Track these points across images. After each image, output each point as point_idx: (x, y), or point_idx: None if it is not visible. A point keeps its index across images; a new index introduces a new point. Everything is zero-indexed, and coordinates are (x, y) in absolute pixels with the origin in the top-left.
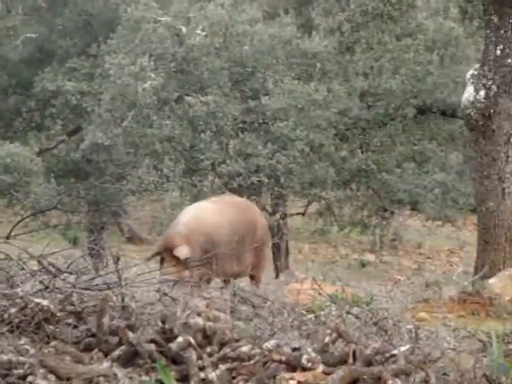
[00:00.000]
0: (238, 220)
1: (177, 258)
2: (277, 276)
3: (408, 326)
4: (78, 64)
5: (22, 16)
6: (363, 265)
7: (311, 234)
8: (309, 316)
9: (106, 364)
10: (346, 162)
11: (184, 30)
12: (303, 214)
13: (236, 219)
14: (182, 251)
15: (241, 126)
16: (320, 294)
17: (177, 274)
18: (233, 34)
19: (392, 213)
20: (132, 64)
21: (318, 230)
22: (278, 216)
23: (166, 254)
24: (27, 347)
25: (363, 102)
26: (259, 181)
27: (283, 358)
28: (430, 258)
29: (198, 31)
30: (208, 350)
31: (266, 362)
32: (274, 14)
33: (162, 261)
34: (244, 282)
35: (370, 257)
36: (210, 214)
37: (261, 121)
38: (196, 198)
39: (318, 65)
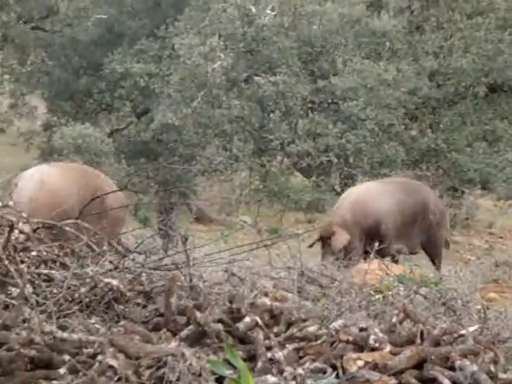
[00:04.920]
0: (408, 201)
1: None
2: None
3: (477, 307)
4: (146, 46)
5: None
6: None
7: None
8: (376, 296)
9: (174, 343)
10: (416, 141)
11: (253, 9)
12: None
13: (406, 201)
14: (338, 241)
15: (310, 105)
16: (387, 274)
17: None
18: (302, 13)
19: (463, 192)
20: (201, 44)
21: None
22: None
23: (325, 240)
24: (97, 326)
25: (433, 81)
26: (328, 160)
27: (350, 338)
28: (501, 237)
29: (268, 11)
30: (275, 329)
31: (333, 342)
32: None
33: (324, 244)
34: (312, 262)
35: None
36: (377, 195)
37: (330, 100)
38: (264, 179)
39: (388, 44)
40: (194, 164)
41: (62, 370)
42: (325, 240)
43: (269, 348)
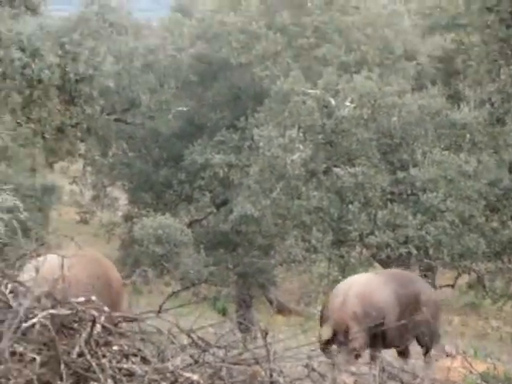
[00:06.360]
0: (403, 293)
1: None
2: None
3: None
4: (226, 137)
5: (173, 90)
6: None
7: (462, 306)
8: None
9: None
10: (497, 233)
11: (333, 101)
12: (453, 286)
13: (401, 292)
14: (357, 342)
15: (389, 196)
16: (471, 372)
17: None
18: (381, 105)
19: None
20: (281, 136)
21: (468, 303)
22: None
23: (338, 335)
24: None
25: None
26: (408, 252)
27: None
28: None
29: (347, 103)
30: None
31: None
32: (421, 85)
33: (335, 339)
34: (391, 357)
35: None
36: (379, 287)
37: (409, 192)
38: (343, 270)
39: (468, 136)
40: (273, 255)
41: None
42: (338, 335)
43: None
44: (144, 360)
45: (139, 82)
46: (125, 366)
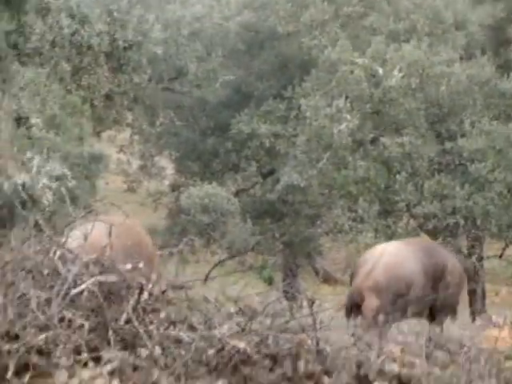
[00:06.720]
0: (430, 263)
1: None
2: (473, 320)
3: None
4: (273, 106)
5: (221, 58)
6: None
7: (509, 277)
8: (507, 364)
9: None
10: None
11: (380, 71)
12: (500, 257)
13: (428, 262)
14: (369, 309)
15: (436, 167)
16: None
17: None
18: (430, 74)
19: None
20: (328, 106)
21: None
22: (474, 258)
23: (354, 305)
24: None
25: None
26: (455, 222)
27: None
28: None
29: (395, 72)
30: None
31: None
32: (470, 54)
33: (351, 310)
34: (439, 327)
35: None
36: (408, 258)
37: (457, 162)
38: (390, 240)
39: None
40: (319, 225)
41: None
42: (354, 305)
43: None
44: (191, 327)
45: (186, 51)
46: (172, 333)
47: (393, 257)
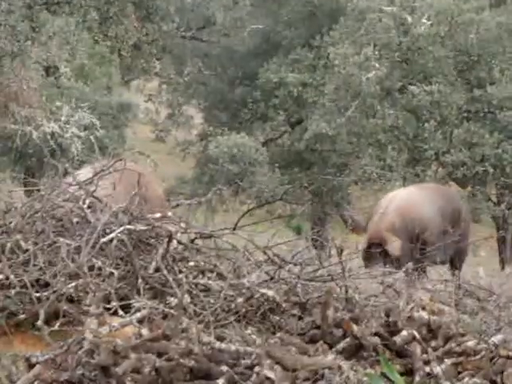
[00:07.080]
0: (447, 208)
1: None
2: (502, 268)
3: None
4: (301, 55)
5: (248, 7)
6: None
7: None
8: None
9: (330, 356)
10: None
11: (409, 19)
12: None
13: (445, 207)
14: (395, 248)
15: (465, 115)
16: None
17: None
18: (458, 22)
19: None
20: (356, 54)
21: None
22: (503, 206)
23: (374, 247)
24: (253, 337)
25: None
26: (484, 170)
27: (511, 354)
28: None
29: (424, 20)
30: (433, 344)
31: (492, 358)
32: (499, 1)
33: (371, 252)
34: (469, 274)
35: None
36: (422, 201)
37: (486, 110)
38: None
39: None
40: (348, 173)
41: (220, 381)
42: (374, 247)
43: (427, 362)
44: (220, 276)
45: (214, 0)
46: (201, 281)
47: (406, 200)
